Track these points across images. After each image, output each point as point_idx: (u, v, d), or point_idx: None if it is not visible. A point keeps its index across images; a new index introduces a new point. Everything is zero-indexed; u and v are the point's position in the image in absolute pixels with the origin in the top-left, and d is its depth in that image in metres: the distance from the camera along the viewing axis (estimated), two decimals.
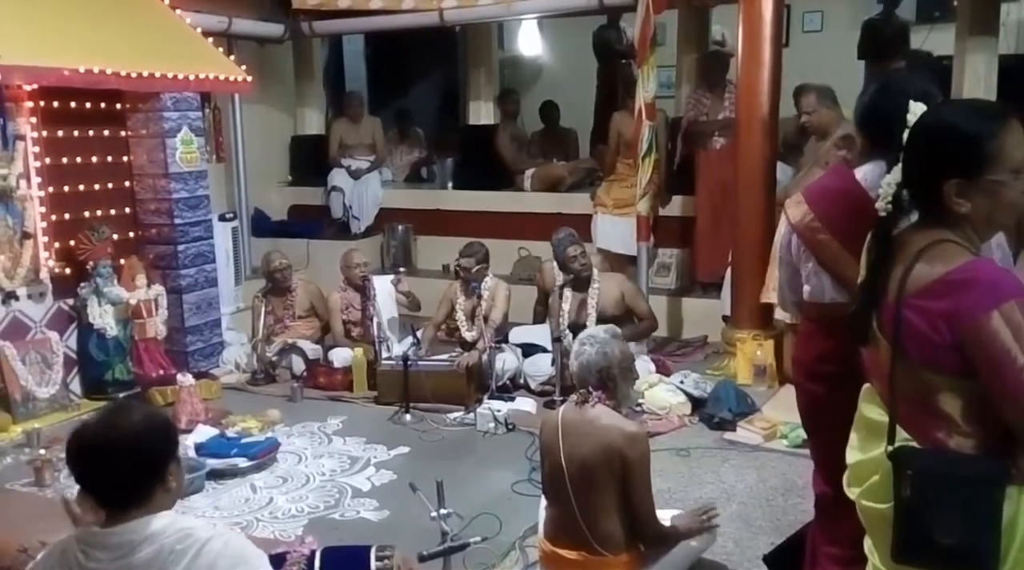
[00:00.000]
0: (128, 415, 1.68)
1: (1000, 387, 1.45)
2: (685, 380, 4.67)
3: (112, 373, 5.03)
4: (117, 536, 1.61)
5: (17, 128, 4.66)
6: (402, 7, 6.76)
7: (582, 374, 2.57)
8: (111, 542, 1.61)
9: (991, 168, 1.51)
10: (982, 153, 1.51)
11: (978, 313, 1.44)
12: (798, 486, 3.60)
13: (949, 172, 1.53)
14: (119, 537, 1.61)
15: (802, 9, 8.13)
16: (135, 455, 1.63)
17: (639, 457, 2.49)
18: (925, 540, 1.49)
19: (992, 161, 1.51)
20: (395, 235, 7.29)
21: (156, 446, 1.66)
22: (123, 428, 1.64)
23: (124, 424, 1.65)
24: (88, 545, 1.63)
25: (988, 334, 1.43)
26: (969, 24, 5.59)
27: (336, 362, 5.31)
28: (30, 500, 3.76)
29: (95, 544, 1.62)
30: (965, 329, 1.46)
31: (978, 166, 1.51)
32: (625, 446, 2.46)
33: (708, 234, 5.97)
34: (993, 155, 1.51)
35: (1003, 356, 1.43)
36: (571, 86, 8.46)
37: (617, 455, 2.46)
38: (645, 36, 5.27)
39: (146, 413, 1.72)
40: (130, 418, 1.67)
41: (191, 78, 5.20)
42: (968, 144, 1.52)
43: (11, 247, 4.72)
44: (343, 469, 4.05)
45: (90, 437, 1.65)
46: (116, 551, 1.60)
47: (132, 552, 1.59)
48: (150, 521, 1.62)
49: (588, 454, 2.48)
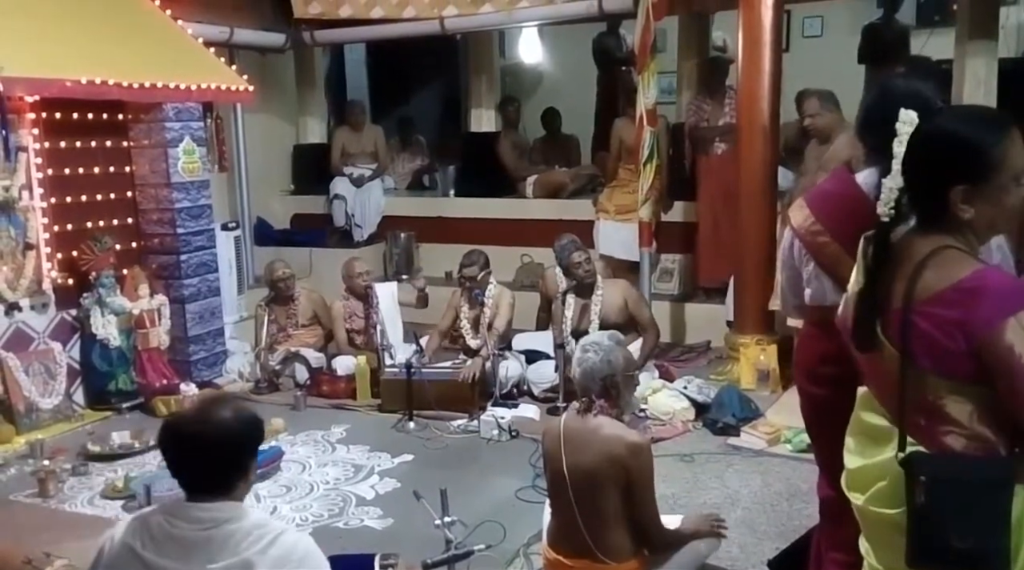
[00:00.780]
0: (220, 409, 1.78)
1: (1017, 395, 1.47)
2: (688, 385, 4.66)
3: (116, 383, 5.04)
4: (203, 511, 1.73)
5: (19, 139, 4.67)
6: (403, 16, 6.78)
7: (585, 381, 2.55)
8: (196, 515, 1.72)
9: (995, 175, 1.54)
10: (987, 161, 1.54)
11: (994, 323, 1.46)
12: (802, 491, 3.59)
13: (955, 179, 1.55)
14: (205, 512, 1.72)
15: (802, 14, 8.14)
16: (224, 447, 1.75)
17: (642, 467, 2.48)
18: (940, 545, 1.50)
19: (996, 169, 1.54)
20: (398, 243, 7.29)
21: (244, 440, 1.78)
22: (215, 421, 1.75)
23: (216, 417, 1.75)
24: (173, 515, 1.73)
25: (1004, 344, 1.45)
26: (969, 28, 5.59)
27: (339, 370, 5.32)
28: (34, 511, 3.76)
29: (180, 515, 1.73)
30: (981, 338, 1.47)
31: (983, 173, 1.54)
32: (628, 456, 2.45)
33: (710, 239, 5.98)
34: (997, 163, 1.54)
35: (1019, 365, 1.45)
36: (572, 93, 8.47)
37: (620, 465, 2.44)
38: (645, 42, 5.28)
39: (236, 408, 1.81)
40: (222, 412, 1.77)
41: (193, 88, 5.21)
42: (974, 152, 1.55)
43: (14, 258, 4.73)
44: (347, 477, 4.04)
45: (184, 428, 1.77)
46: (200, 524, 1.71)
47: (214, 527, 1.71)
48: (231, 505, 1.75)
49: (590, 464, 2.46)
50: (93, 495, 3.92)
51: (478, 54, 7.90)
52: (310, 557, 1.75)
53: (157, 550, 1.70)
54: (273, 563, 1.68)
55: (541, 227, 6.56)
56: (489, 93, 7.87)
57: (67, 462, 4.16)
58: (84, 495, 3.93)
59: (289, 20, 7.09)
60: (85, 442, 4.43)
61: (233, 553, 1.68)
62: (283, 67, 7.70)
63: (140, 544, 1.71)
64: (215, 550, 1.68)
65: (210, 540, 1.69)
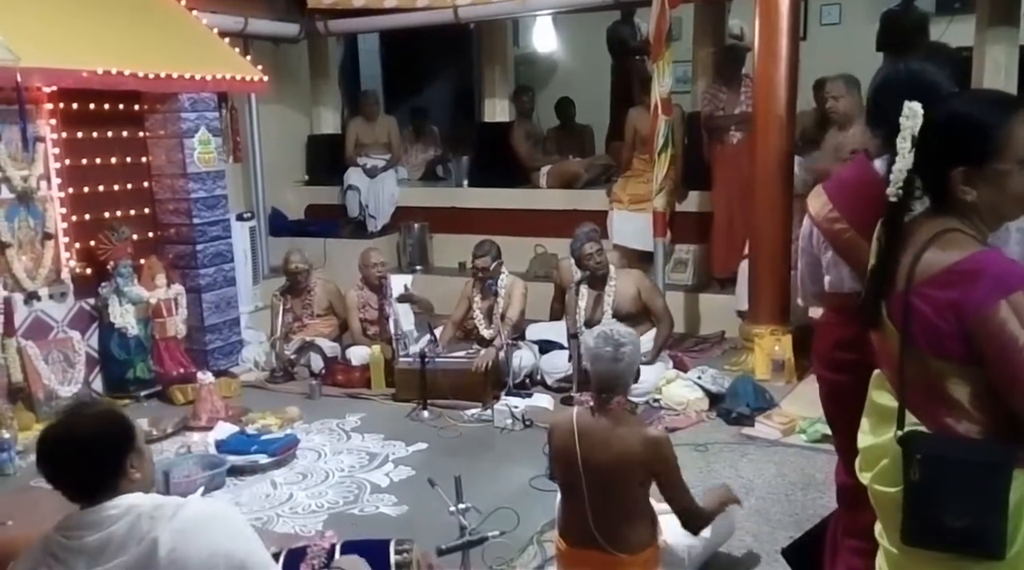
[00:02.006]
0: (81, 417, 1.76)
1: (1008, 376, 1.47)
2: (702, 376, 4.65)
3: (133, 372, 5.09)
4: (95, 514, 1.69)
5: (37, 130, 4.71)
6: (416, 5, 6.77)
7: (617, 379, 2.49)
8: (89, 520, 1.69)
9: (998, 157, 1.52)
10: (989, 141, 1.52)
11: (987, 303, 1.45)
12: (817, 481, 3.58)
13: (955, 159, 1.54)
14: (97, 514, 1.69)
15: (820, 2, 8.07)
16: (91, 455, 1.71)
17: (666, 459, 2.47)
18: (934, 523, 1.51)
19: (999, 150, 1.52)
20: (411, 233, 7.31)
21: (109, 444, 1.73)
22: (77, 430, 1.73)
23: (77, 427, 1.73)
24: (67, 528, 1.70)
25: (996, 324, 1.44)
26: (989, 14, 5.54)
27: (354, 360, 5.34)
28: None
29: (74, 526, 1.70)
30: (973, 319, 1.46)
31: (984, 154, 1.52)
32: (649, 453, 2.44)
33: (725, 229, 5.95)
34: (1001, 144, 1.52)
35: (1011, 345, 1.44)
36: (586, 82, 8.44)
37: (640, 462, 2.45)
38: (661, 31, 5.25)
39: (98, 413, 1.78)
40: (82, 420, 1.75)
41: (208, 78, 5.23)
42: (976, 131, 1.53)
43: (33, 248, 4.78)
44: (362, 465, 4.07)
45: (49, 442, 1.75)
46: (95, 528, 1.67)
47: (111, 525, 1.66)
48: (124, 498, 1.70)
49: (608, 461, 2.45)
50: None
51: (492, 43, 7.88)
52: (220, 517, 1.72)
53: (67, 568, 1.65)
54: (178, 532, 1.64)
55: (555, 217, 6.56)
56: (503, 83, 7.85)
57: None
58: None
59: (303, 10, 7.10)
60: None
61: (139, 540, 1.64)
62: (297, 57, 7.72)
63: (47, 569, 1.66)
64: (120, 544, 1.64)
65: (111, 537, 1.65)
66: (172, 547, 1.63)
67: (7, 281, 4.60)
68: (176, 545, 1.63)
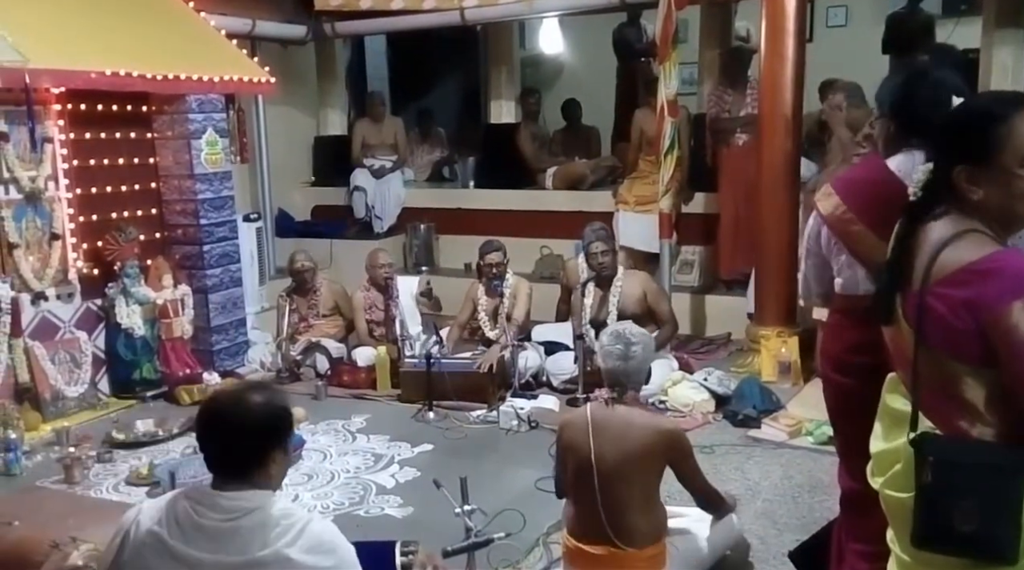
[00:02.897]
0: (251, 397, 1.78)
1: (1019, 378, 1.45)
2: (709, 377, 4.65)
3: (140, 372, 5.10)
4: (229, 500, 1.72)
5: (45, 131, 4.72)
6: (423, 7, 6.78)
7: (627, 376, 2.58)
8: (222, 504, 1.72)
9: (1000, 154, 1.50)
10: (990, 138, 1.50)
11: (1001, 303, 1.43)
12: (824, 483, 3.57)
13: (957, 157, 1.53)
14: (230, 501, 1.72)
15: (826, 4, 8.06)
16: (246, 431, 1.75)
17: (682, 448, 2.58)
18: (945, 527, 1.49)
19: (1001, 147, 1.50)
20: (417, 234, 7.31)
21: (269, 429, 1.77)
22: (242, 406, 1.76)
23: (244, 403, 1.77)
24: (199, 503, 1.73)
25: (1009, 325, 1.43)
26: (995, 16, 5.51)
27: (360, 361, 5.35)
28: (60, 497, 3.82)
29: (207, 503, 1.73)
30: (986, 319, 1.45)
31: (986, 151, 1.51)
32: (665, 444, 2.53)
33: (731, 231, 5.94)
34: (1001, 141, 1.50)
35: (1023, 347, 1.43)
36: (592, 84, 8.43)
37: (655, 453, 2.52)
38: (667, 33, 5.25)
39: (267, 399, 1.80)
40: (252, 400, 1.77)
41: (215, 80, 5.25)
42: (976, 128, 1.52)
43: (40, 248, 4.79)
44: (367, 466, 4.07)
45: (214, 406, 1.81)
46: (226, 514, 1.71)
47: (242, 516, 1.71)
48: (257, 494, 1.74)
49: (623, 454, 2.49)
50: (118, 482, 3.97)
51: (498, 45, 7.89)
52: (338, 544, 1.77)
53: (185, 539, 1.70)
54: (305, 552, 1.70)
55: (561, 219, 6.56)
56: (509, 84, 7.85)
57: (92, 449, 4.21)
58: (109, 482, 3.98)
59: (310, 12, 7.13)
60: (110, 430, 4.48)
61: (263, 545, 1.68)
62: (304, 59, 7.73)
63: (167, 532, 1.71)
64: (244, 541, 1.69)
65: (237, 531, 1.69)
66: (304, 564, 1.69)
67: (14, 281, 4.61)
68: (306, 562, 1.69)
